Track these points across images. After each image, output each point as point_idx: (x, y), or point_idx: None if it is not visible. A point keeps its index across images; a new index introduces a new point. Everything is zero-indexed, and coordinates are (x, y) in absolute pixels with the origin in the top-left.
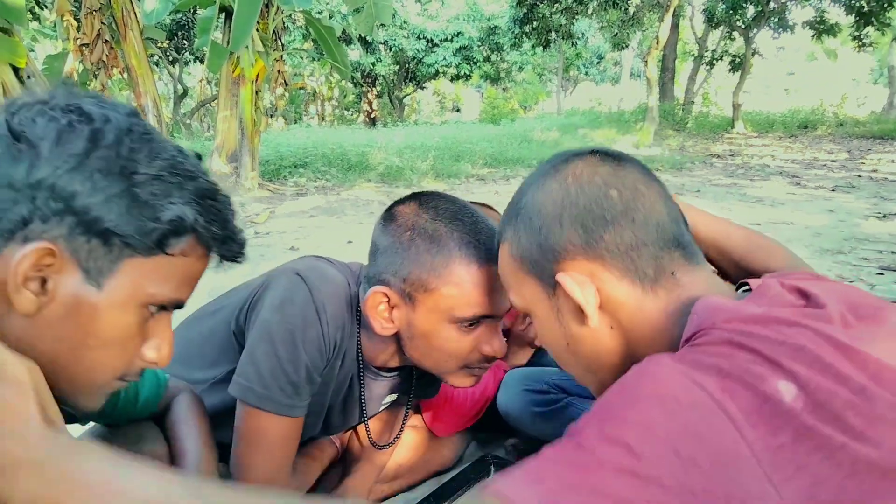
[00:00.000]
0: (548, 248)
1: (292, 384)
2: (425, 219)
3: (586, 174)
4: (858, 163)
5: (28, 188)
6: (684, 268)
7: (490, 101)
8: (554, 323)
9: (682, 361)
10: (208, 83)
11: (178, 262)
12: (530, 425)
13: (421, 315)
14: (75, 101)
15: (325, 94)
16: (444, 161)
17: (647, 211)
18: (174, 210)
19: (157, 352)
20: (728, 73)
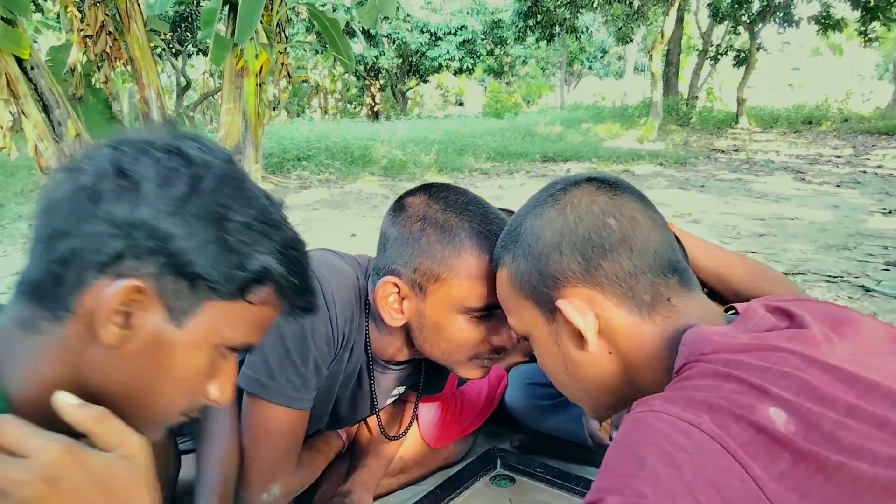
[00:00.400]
0: (547, 274)
1: (300, 376)
2: (436, 209)
3: (584, 203)
4: (863, 158)
5: (127, 226)
6: (680, 294)
7: (493, 95)
8: (553, 347)
9: (673, 402)
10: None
11: (256, 309)
12: (536, 419)
13: (431, 305)
14: (177, 142)
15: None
16: (447, 155)
17: (644, 239)
18: (260, 261)
19: (221, 392)
20: (732, 68)
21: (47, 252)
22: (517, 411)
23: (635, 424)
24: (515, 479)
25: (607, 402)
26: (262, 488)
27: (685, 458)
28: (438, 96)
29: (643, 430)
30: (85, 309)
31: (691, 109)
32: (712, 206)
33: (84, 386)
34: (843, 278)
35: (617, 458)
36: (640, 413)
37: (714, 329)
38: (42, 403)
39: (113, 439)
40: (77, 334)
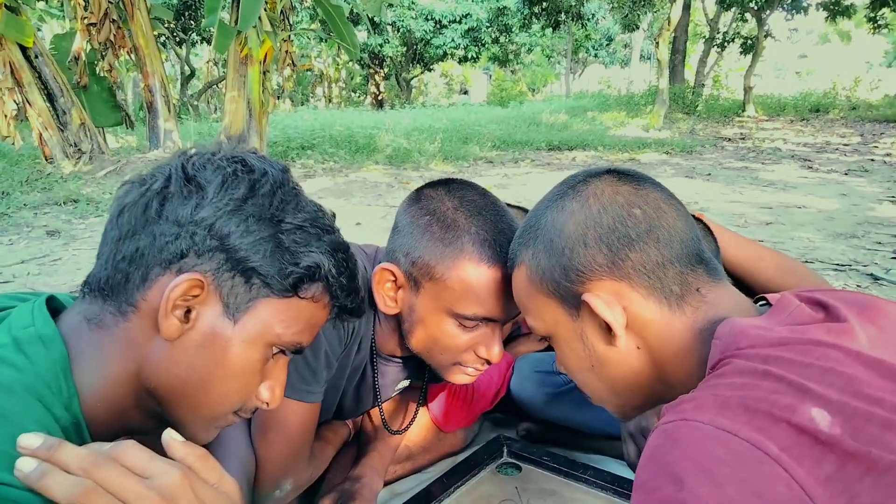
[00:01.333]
0: (571, 269)
1: (311, 370)
2: (448, 206)
3: (608, 193)
4: (871, 146)
5: (191, 224)
6: (709, 284)
7: (498, 84)
8: (577, 345)
9: (706, 407)
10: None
11: (307, 306)
12: (543, 407)
13: (422, 301)
14: (240, 154)
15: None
16: (451, 143)
17: (670, 228)
18: (313, 257)
19: (271, 393)
20: (739, 56)
21: (115, 252)
22: (523, 400)
23: (668, 437)
24: (522, 468)
25: (635, 400)
26: (274, 484)
27: (726, 472)
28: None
29: (678, 444)
30: (148, 304)
31: (698, 97)
32: (719, 194)
33: (145, 381)
34: (851, 267)
35: (652, 477)
36: (672, 424)
37: (749, 322)
38: (107, 399)
39: (213, 476)
40: (140, 328)
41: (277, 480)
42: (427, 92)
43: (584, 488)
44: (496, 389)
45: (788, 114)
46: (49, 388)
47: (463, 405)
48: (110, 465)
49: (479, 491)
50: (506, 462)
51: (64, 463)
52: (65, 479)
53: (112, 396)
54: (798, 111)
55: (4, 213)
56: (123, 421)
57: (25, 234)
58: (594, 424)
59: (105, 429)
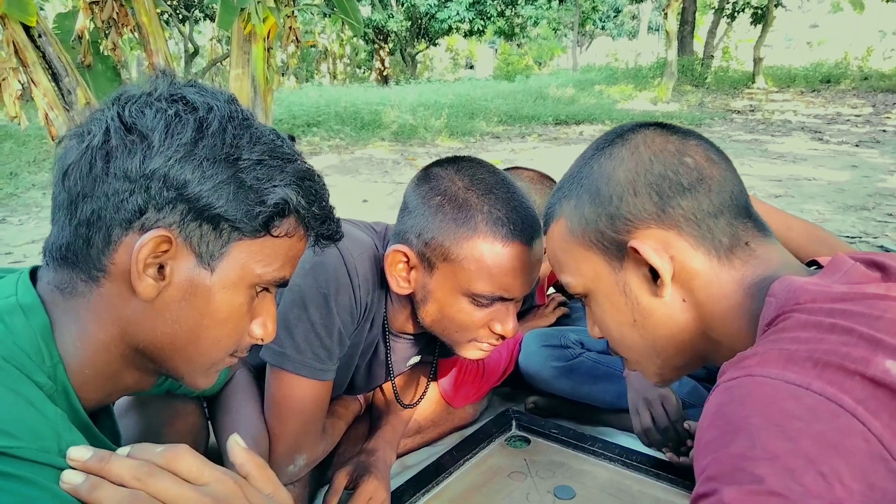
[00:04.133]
0: (619, 217)
1: (325, 348)
2: (459, 186)
3: (659, 142)
4: (884, 117)
5: (143, 178)
6: (758, 239)
7: (504, 58)
8: (618, 299)
9: (771, 362)
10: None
11: (282, 242)
12: (551, 381)
13: (437, 282)
14: (178, 90)
15: (336, 51)
16: (458, 119)
17: (721, 179)
18: (278, 193)
19: (264, 329)
20: (749, 27)
21: (70, 217)
22: (531, 374)
23: (733, 393)
24: (530, 440)
25: (677, 360)
26: (288, 460)
27: (799, 426)
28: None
29: (745, 401)
30: (118, 266)
31: (707, 69)
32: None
33: (132, 342)
34: (861, 238)
35: (721, 435)
36: (736, 380)
37: (806, 279)
38: (95, 365)
39: (268, 487)
40: (115, 292)
41: (291, 456)
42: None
43: (593, 460)
44: (504, 366)
45: (799, 85)
46: (30, 356)
47: (472, 381)
48: (163, 475)
49: (488, 463)
50: (514, 435)
51: (116, 475)
52: (118, 492)
53: (99, 361)
54: (809, 82)
55: (13, 194)
56: (117, 383)
57: (35, 214)
58: (602, 398)
59: (98, 393)
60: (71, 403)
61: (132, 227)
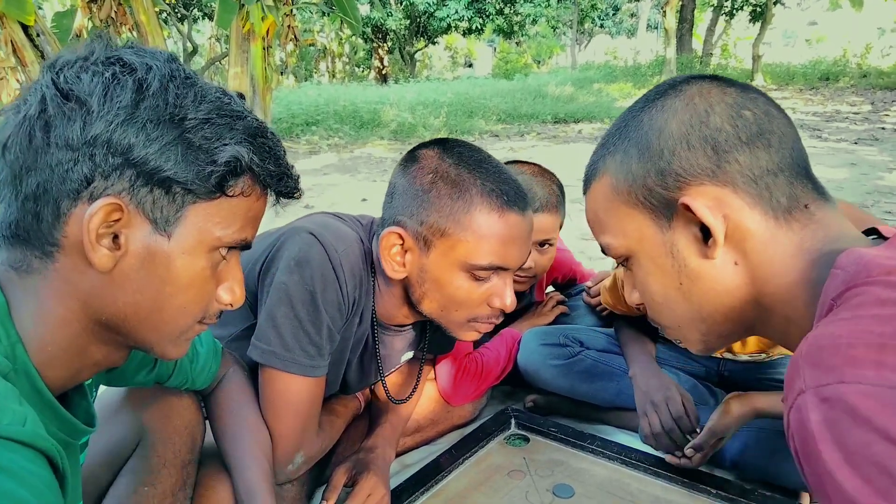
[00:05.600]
0: (670, 172)
1: (314, 344)
2: (448, 164)
3: (715, 93)
4: (882, 115)
5: (85, 146)
6: (817, 202)
7: (503, 56)
8: (665, 260)
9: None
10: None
11: (239, 202)
12: (549, 379)
13: (434, 260)
14: (115, 52)
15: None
16: (456, 117)
17: (782, 135)
18: (229, 151)
19: (231, 294)
20: (748, 24)
21: (16, 192)
22: (530, 373)
23: (836, 410)
24: (529, 439)
25: (722, 327)
26: (287, 459)
27: None
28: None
29: (856, 421)
30: (70, 239)
31: (705, 67)
32: None
33: (95, 316)
34: None
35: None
36: (830, 387)
37: (877, 251)
38: (57, 342)
39: None
40: (71, 266)
41: (290, 455)
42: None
43: (592, 458)
44: (503, 365)
45: (798, 82)
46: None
47: (471, 380)
48: None
49: (487, 462)
50: (514, 433)
51: None
52: None
53: (62, 339)
54: (807, 80)
55: None
56: (84, 359)
57: None
58: (601, 396)
59: (64, 370)
60: (33, 383)
61: (80, 197)
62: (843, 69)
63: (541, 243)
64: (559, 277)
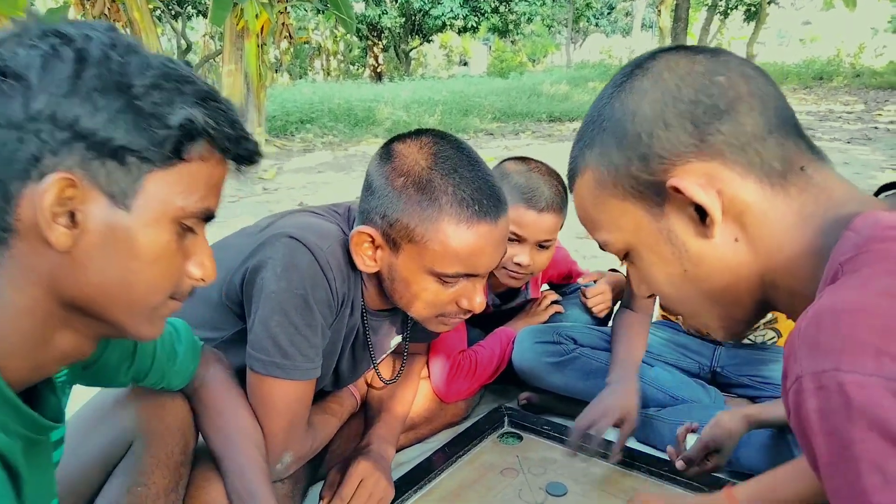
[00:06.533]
0: (652, 156)
1: (312, 346)
2: (422, 166)
3: (683, 65)
4: (875, 114)
5: (29, 122)
6: (814, 163)
7: (498, 55)
8: (665, 248)
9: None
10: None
11: (199, 168)
12: (544, 377)
13: (402, 262)
14: (50, 26)
15: (330, 48)
16: (451, 115)
17: (762, 93)
18: (182, 114)
19: (202, 268)
20: (743, 23)
21: None
22: (524, 370)
23: (831, 402)
24: (522, 437)
25: (737, 309)
26: (276, 458)
27: None
28: (442, 56)
29: (851, 416)
30: (25, 222)
31: None
32: None
33: (60, 299)
34: None
35: (838, 462)
36: (827, 374)
37: (893, 215)
38: (18, 333)
39: None
40: (29, 250)
41: (278, 454)
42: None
43: (585, 456)
44: (497, 363)
45: (791, 82)
46: None
47: (465, 378)
48: None
49: (480, 460)
50: (507, 432)
51: None
52: None
53: (24, 329)
54: (801, 79)
55: None
56: (49, 351)
57: None
58: (594, 393)
59: (27, 362)
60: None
61: (30, 177)
62: (837, 69)
63: (541, 243)
64: (555, 276)
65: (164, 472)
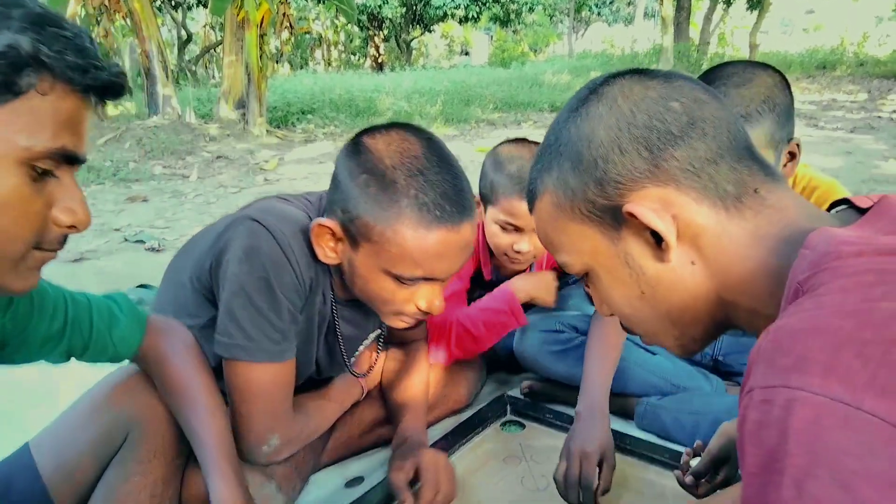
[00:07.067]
0: (607, 181)
1: (278, 330)
2: (386, 165)
3: (637, 90)
4: (879, 104)
5: None
6: (767, 185)
7: (499, 44)
8: (622, 271)
9: (811, 365)
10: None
11: (40, 104)
12: (547, 365)
13: (360, 259)
14: None
15: (331, 38)
16: (453, 106)
17: (715, 119)
18: (2, 40)
19: (70, 214)
20: (745, 12)
21: None
22: (527, 359)
23: (771, 414)
24: (525, 425)
25: (695, 329)
26: (260, 441)
27: (852, 466)
28: (444, 46)
29: (785, 432)
30: None
31: (702, 56)
32: None
33: None
34: None
35: (764, 471)
36: (773, 389)
37: (847, 231)
38: None
39: None
40: None
41: (263, 437)
42: (427, 54)
43: None
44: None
45: (795, 71)
46: None
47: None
48: None
49: (483, 448)
50: (510, 420)
51: None
52: None
53: None
54: (804, 68)
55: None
56: None
57: None
58: None
59: None
60: None
61: None
62: (840, 58)
63: None
64: (557, 264)
65: (161, 461)
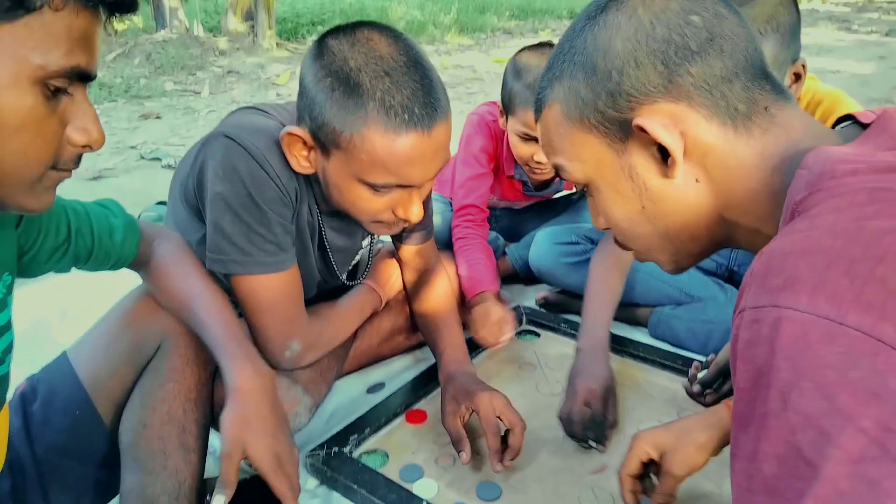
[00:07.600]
0: (620, 93)
1: (272, 242)
2: (351, 67)
3: (658, 1)
4: None
5: None
6: (777, 104)
7: None
8: (625, 185)
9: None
10: None
11: (53, 20)
12: (562, 277)
13: (333, 166)
14: None
15: None
16: (468, 14)
17: (734, 36)
18: None
19: (84, 133)
20: None
21: None
22: (542, 270)
23: (761, 332)
24: (540, 334)
25: (691, 246)
26: (282, 348)
27: (833, 378)
28: None
29: (774, 349)
30: None
31: None
32: None
33: None
34: None
35: (752, 386)
36: (763, 310)
37: (845, 149)
38: None
39: None
40: None
41: (282, 344)
42: None
43: None
44: None
45: None
46: None
47: None
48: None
49: (500, 356)
50: (525, 329)
51: None
52: None
53: None
54: None
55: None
56: None
57: None
58: None
59: None
60: None
61: None
62: None
63: None
64: None
65: (194, 368)
